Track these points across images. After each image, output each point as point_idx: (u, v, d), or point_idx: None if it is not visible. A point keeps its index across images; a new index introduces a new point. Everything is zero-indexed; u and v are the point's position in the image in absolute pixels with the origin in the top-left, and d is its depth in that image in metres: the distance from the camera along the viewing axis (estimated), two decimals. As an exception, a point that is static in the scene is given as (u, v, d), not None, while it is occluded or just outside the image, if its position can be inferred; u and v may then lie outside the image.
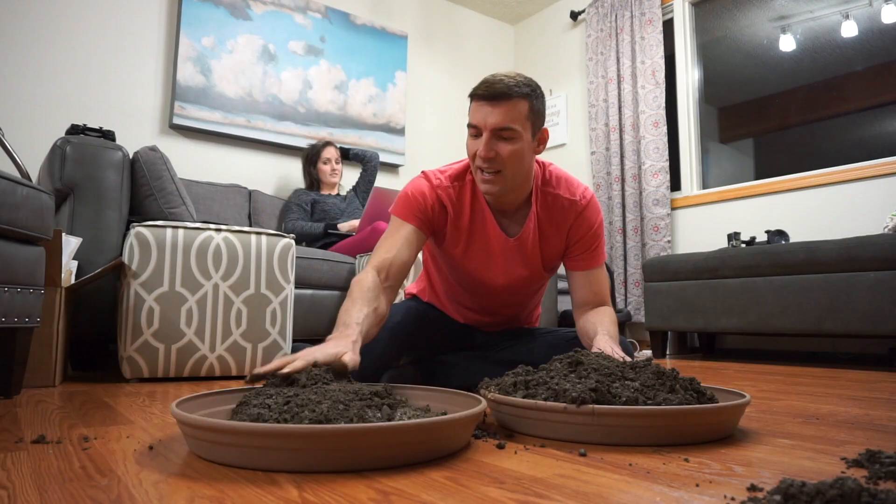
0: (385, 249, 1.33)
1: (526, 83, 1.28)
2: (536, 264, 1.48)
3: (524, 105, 1.28)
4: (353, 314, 1.14)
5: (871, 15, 3.12)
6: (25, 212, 1.35)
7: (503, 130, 1.27)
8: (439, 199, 1.42)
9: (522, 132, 1.28)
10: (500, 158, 1.29)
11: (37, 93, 2.90)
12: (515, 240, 1.43)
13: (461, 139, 4.46)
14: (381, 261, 1.30)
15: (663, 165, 3.57)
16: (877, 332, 2.26)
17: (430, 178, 1.43)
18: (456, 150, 4.42)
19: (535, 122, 1.31)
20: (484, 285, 1.51)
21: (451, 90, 4.46)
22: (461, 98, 4.50)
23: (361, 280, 1.24)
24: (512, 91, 1.25)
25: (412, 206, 1.39)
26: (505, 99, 1.26)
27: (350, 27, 3.88)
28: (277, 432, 0.71)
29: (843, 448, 0.88)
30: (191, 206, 2.20)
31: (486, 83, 1.27)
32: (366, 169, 3.46)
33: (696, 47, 3.79)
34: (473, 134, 1.31)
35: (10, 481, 0.69)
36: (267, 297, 1.99)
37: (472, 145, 1.32)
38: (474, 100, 1.30)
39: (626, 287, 3.65)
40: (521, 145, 1.29)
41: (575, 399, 0.89)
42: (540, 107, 1.32)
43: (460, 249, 1.46)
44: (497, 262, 1.46)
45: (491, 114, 1.26)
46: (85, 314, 2.00)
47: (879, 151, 2.97)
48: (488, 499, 0.63)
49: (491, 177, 1.31)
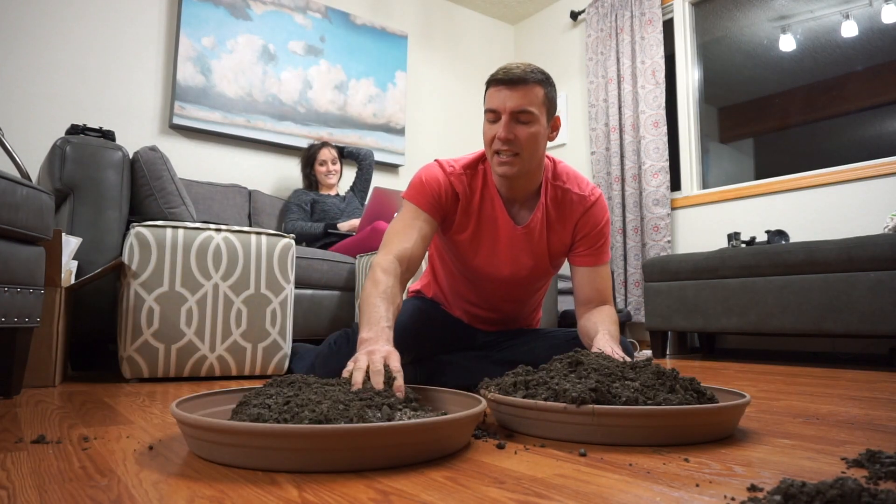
0: (404, 238, 1.35)
1: (540, 71, 1.35)
2: (542, 255, 1.49)
3: (540, 90, 1.33)
4: (382, 311, 1.15)
5: (871, 15, 3.12)
6: (25, 212, 1.35)
7: (521, 113, 1.31)
8: (452, 186, 1.44)
9: (539, 116, 1.33)
10: (519, 141, 1.32)
11: (37, 93, 2.90)
12: (523, 228, 1.45)
13: (461, 139, 4.46)
14: (402, 250, 1.32)
15: (663, 165, 3.57)
16: (877, 332, 2.26)
17: (443, 166, 1.46)
18: (456, 149, 4.42)
19: (549, 109, 1.36)
20: (489, 276, 1.52)
21: (451, 90, 4.46)
22: (461, 98, 4.50)
23: (386, 269, 1.25)
24: (528, 76, 1.31)
25: (426, 192, 1.41)
26: (522, 84, 1.31)
27: (350, 27, 3.88)
28: (277, 432, 0.71)
29: (843, 448, 0.88)
30: (191, 206, 2.20)
31: (503, 69, 1.32)
32: (361, 167, 3.47)
33: (696, 47, 3.79)
34: (491, 119, 1.35)
35: (10, 481, 0.69)
36: (267, 297, 1.99)
37: (490, 130, 1.35)
38: (492, 86, 1.34)
39: (626, 287, 3.65)
40: (538, 129, 1.34)
41: (575, 399, 0.89)
42: (553, 95, 1.38)
43: (467, 235, 1.47)
44: (503, 250, 1.48)
45: (510, 97, 1.31)
46: (85, 314, 2.00)
47: (879, 151, 2.97)
48: (488, 499, 0.63)
49: (509, 158, 1.34)
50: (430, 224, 1.40)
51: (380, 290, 1.19)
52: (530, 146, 1.34)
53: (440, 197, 1.42)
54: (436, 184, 1.42)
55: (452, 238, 1.50)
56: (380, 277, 1.22)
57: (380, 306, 1.16)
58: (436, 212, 1.42)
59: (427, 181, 1.42)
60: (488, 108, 1.35)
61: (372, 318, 1.13)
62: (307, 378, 0.94)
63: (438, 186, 1.42)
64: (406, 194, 1.44)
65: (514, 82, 1.31)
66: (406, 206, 1.42)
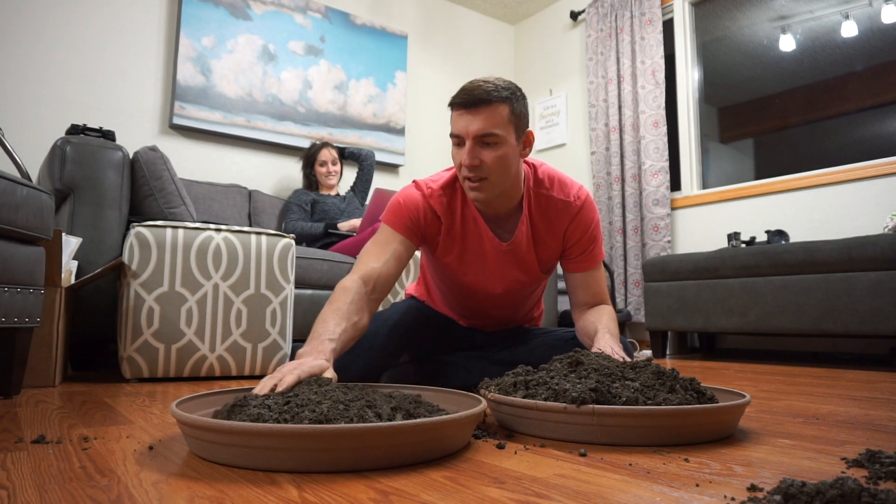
0: (374, 258, 1.30)
1: (505, 87, 1.26)
2: (533, 267, 1.47)
3: (504, 109, 1.25)
4: (329, 327, 1.10)
5: (871, 15, 3.12)
6: (25, 212, 1.35)
7: (486, 136, 1.25)
8: (431, 208, 1.39)
9: (506, 136, 1.26)
10: (485, 165, 1.26)
11: (37, 93, 2.90)
12: (509, 245, 1.41)
13: (461, 139, 4.46)
14: (370, 270, 1.27)
15: (663, 165, 3.57)
16: (877, 332, 2.26)
17: (421, 188, 1.41)
18: (456, 150, 4.41)
19: (518, 125, 1.29)
20: (481, 291, 1.50)
21: (451, 90, 4.45)
22: (461, 98, 4.50)
23: (346, 288, 1.20)
24: (491, 96, 1.23)
25: (403, 215, 1.37)
26: (484, 105, 1.23)
27: (350, 27, 3.88)
28: (277, 432, 0.71)
29: (843, 448, 0.88)
30: (191, 206, 2.20)
31: (464, 91, 1.25)
32: (361, 167, 3.47)
33: (696, 47, 3.79)
34: (457, 143, 1.29)
35: (10, 481, 0.69)
36: (267, 297, 1.99)
37: (457, 155, 1.30)
38: (454, 109, 1.28)
39: (626, 287, 3.65)
40: (506, 150, 1.27)
41: (575, 399, 0.89)
42: (521, 109, 1.29)
43: (454, 257, 1.44)
44: (492, 268, 1.45)
45: (472, 121, 1.24)
46: (85, 314, 2.00)
47: (879, 151, 2.97)
48: (488, 499, 0.63)
49: (477, 184, 1.29)
50: (405, 245, 1.35)
51: (333, 307, 1.15)
52: (498, 169, 1.27)
53: (418, 219, 1.37)
54: (414, 206, 1.37)
55: (440, 260, 1.47)
56: (337, 296, 1.18)
57: (329, 321, 1.11)
58: (413, 234, 1.37)
59: (405, 204, 1.38)
60: (452, 133, 1.29)
61: (315, 332, 1.10)
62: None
63: (417, 209, 1.37)
64: (383, 217, 1.39)
65: (476, 104, 1.23)
66: (382, 228, 1.38)
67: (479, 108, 1.24)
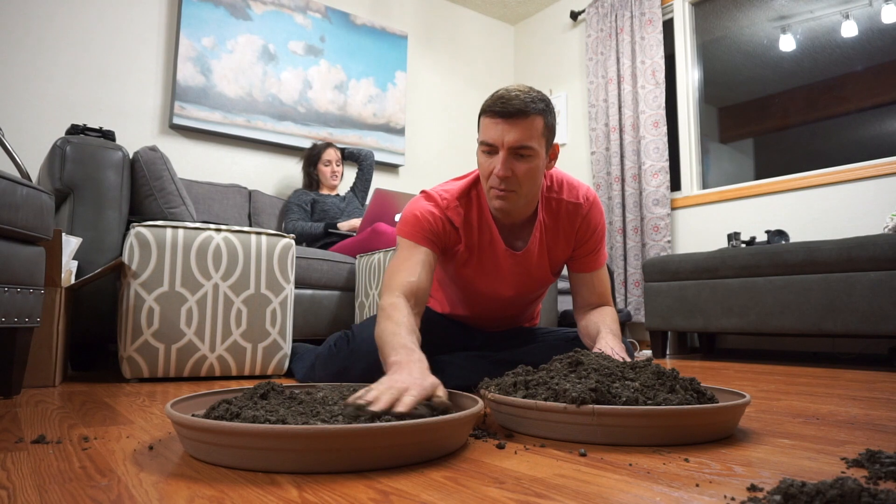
0: (407, 273, 1.26)
1: (541, 98, 1.24)
2: (545, 271, 1.47)
3: (540, 122, 1.23)
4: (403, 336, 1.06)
5: (871, 15, 3.12)
6: (25, 212, 1.35)
7: (521, 149, 1.22)
8: (449, 219, 1.36)
9: (539, 150, 1.24)
10: (517, 178, 1.24)
11: (37, 93, 2.90)
12: (522, 253, 1.41)
13: (461, 139, 4.46)
14: (408, 285, 1.23)
15: (663, 165, 3.57)
16: (877, 332, 2.26)
17: (435, 199, 1.37)
18: (456, 150, 4.42)
19: (549, 139, 1.27)
20: (492, 296, 1.50)
21: (450, 90, 4.46)
22: (461, 98, 4.50)
23: (398, 306, 1.16)
24: (529, 108, 1.21)
25: (424, 227, 1.33)
26: (522, 116, 1.21)
27: (350, 27, 3.88)
28: (277, 432, 0.70)
29: (843, 448, 0.88)
30: (191, 206, 2.20)
31: (501, 99, 1.21)
32: (361, 168, 3.47)
33: (696, 47, 3.79)
34: (487, 151, 1.26)
35: (10, 481, 0.69)
36: (267, 297, 1.99)
37: (487, 163, 1.26)
38: (488, 116, 1.24)
39: (626, 287, 3.65)
40: (538, 163, 1.25)
41: (575, 399, 0.89)
42: (553, 122, 1.28)
43: (470, 268, 1.43)
44: (505, 275, 1.44)
45: (508, 132, 1.21)
46: (85, 314, 2.00)
47: (879, 151, 2.97)
48: (488, 499, 0.63)
49: (504, 194, 1.27)
50: (431, 257, 1.31)
51: (395, 320, 1.11)
52: (528, 182, 1.26)
53: (438, 231, 1.34)
54: (432, 218, 1.33)
55: (457, 270, 1.44)
56: (389, 312, 1.14)
57: (401, 334, 1.07)
58: (434, 246, 1.33)
59: (423, 216, 1.33)
60: (484, 141, 1.25)
61: (396, 342, 1.04)
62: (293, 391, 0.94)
63: (435, 220, 1.34)
64: (400, 231, 1.35)
65: (514, 115, 1.20)
66: (402, 242, 1.33)
67: (517, 119, 1.21)
